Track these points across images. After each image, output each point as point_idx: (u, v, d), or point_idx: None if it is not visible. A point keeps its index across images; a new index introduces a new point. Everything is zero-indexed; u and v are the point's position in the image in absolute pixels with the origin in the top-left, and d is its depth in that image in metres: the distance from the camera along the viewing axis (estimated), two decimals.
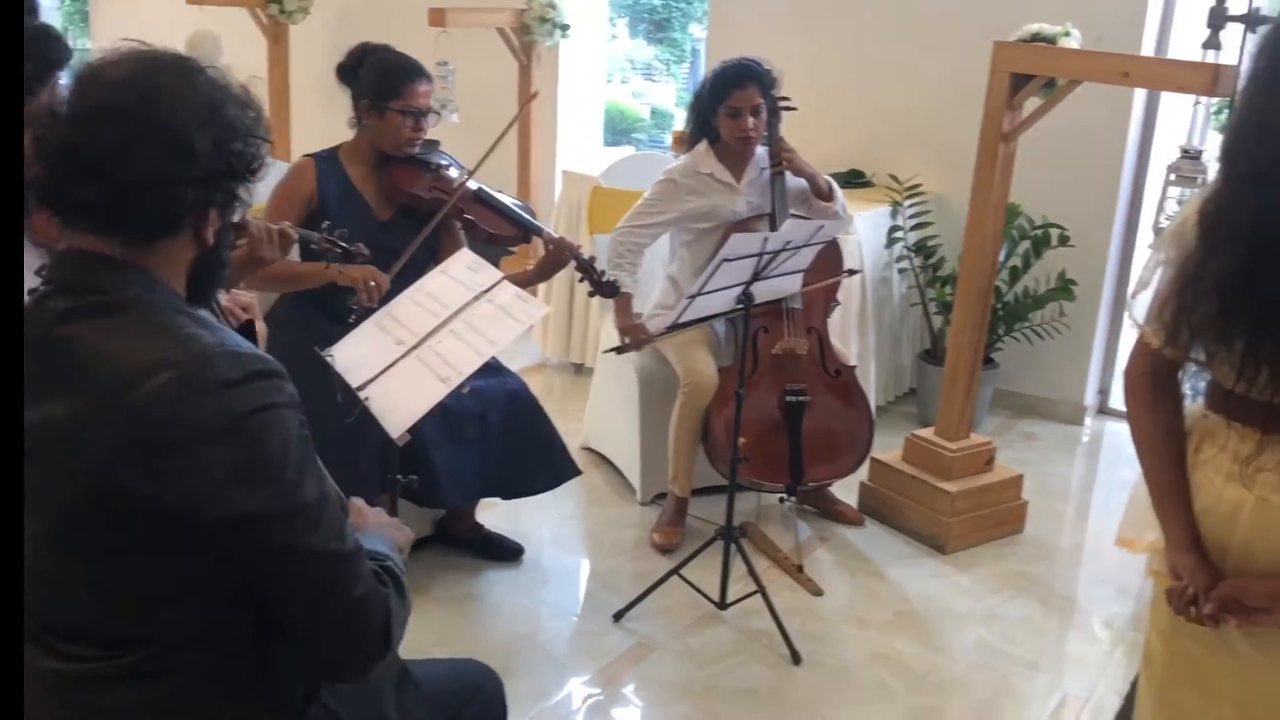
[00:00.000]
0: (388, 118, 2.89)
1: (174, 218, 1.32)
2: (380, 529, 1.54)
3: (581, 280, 3.02)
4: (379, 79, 2.90)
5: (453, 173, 3.02)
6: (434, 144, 3.05)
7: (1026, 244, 4.19)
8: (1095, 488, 4.14)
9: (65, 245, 1.32)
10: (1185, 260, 1.60)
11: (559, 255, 2.91)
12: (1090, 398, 4.51)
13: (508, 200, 3.08)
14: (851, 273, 3.50)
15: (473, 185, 3.01)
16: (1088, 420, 4.50)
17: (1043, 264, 4.21)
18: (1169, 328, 1.62)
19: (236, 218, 1.41)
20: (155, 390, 1.22)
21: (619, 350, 3.20)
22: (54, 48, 2.01)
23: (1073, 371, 4.43)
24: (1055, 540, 3.55)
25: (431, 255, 2.91)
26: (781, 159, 3.33)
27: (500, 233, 3.01)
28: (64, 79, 2.05)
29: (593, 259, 3.01)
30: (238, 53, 5.90)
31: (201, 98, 1.32)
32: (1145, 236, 4.29)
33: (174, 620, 1.30)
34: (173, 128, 1.28)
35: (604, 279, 2.99)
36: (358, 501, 1.57)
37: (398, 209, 2.97)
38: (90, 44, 7.97)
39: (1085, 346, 4.40)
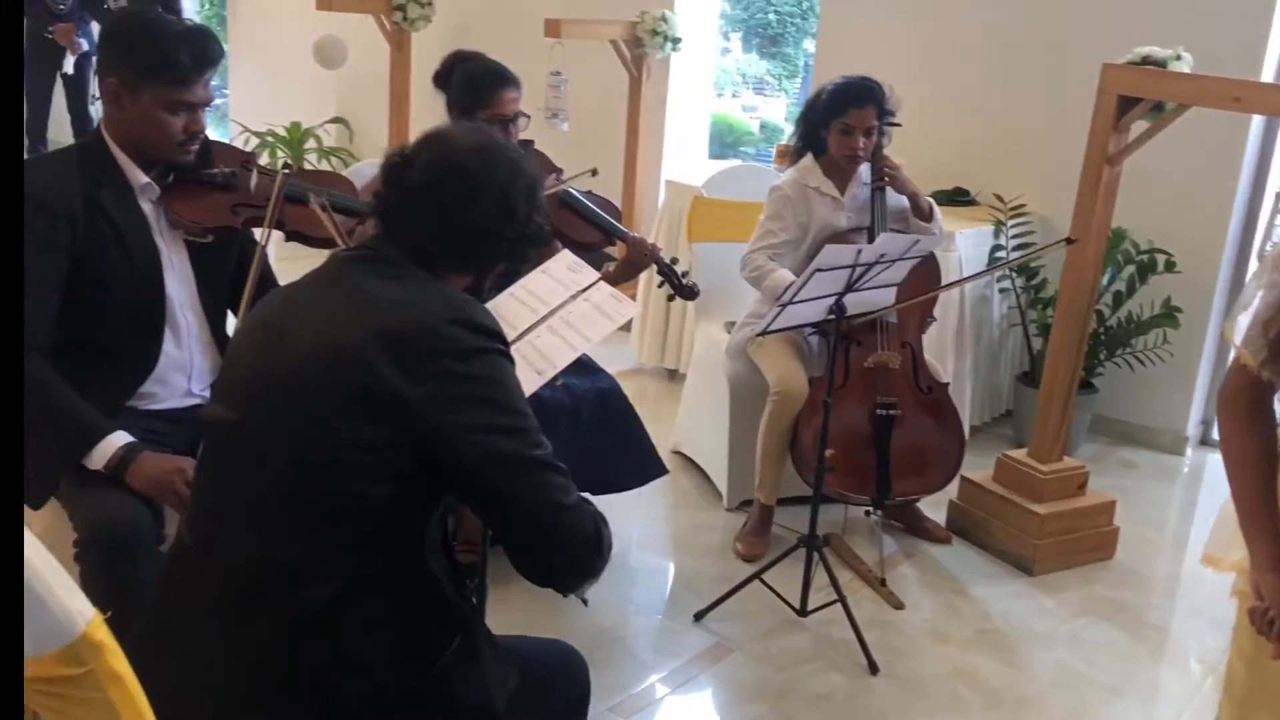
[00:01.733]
0: None
1: (479, 259, 1.69)
2: None
3: (661, 284, 3.06)
4: (467, 88, 2.99)
5: (545, 177, 3.08)
6: (528, 144, 3.13)
7: (1131, 269, 4.14)
8: (1194, 519, 4.06)
9: (380, 234, 1.66)
10: None
11: (639, 255, 2.99)
12: (1193, 428, 4.42)
13: (594, 205, 3.13)
14: (963, 280, 3.47)
15: (561, 192, 3.08)
16: (1189, 451, 4.41)
17: (1148, 289, 4.15)
18: (1266, 349, 1.64)
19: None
20: (420, 313, 1.52)
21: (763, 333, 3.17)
22: (210, 47, 2.19)
23: (1175, 400, 4.35)
24: (1148, 569, 3.50)
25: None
26: (885, 175, 3.36)
27: (585, 240, 3.08)
28: (213, 77, 2.23)
29: (674, 261, 3.06)
30: (362, 57, 6.16)
31: (527, 178, 1.68)
32: (1255, 265, 4.19)
33: (356, 528, 1.51)
34: (507, 194, 1.64)
35: (684, 282, 3.04)
36: None
37: None
38: (227, 47, 8.33)
39: (1189, 375, 4.32)
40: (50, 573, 1.10)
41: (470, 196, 1.62)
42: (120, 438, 2.09)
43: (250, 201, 2.36)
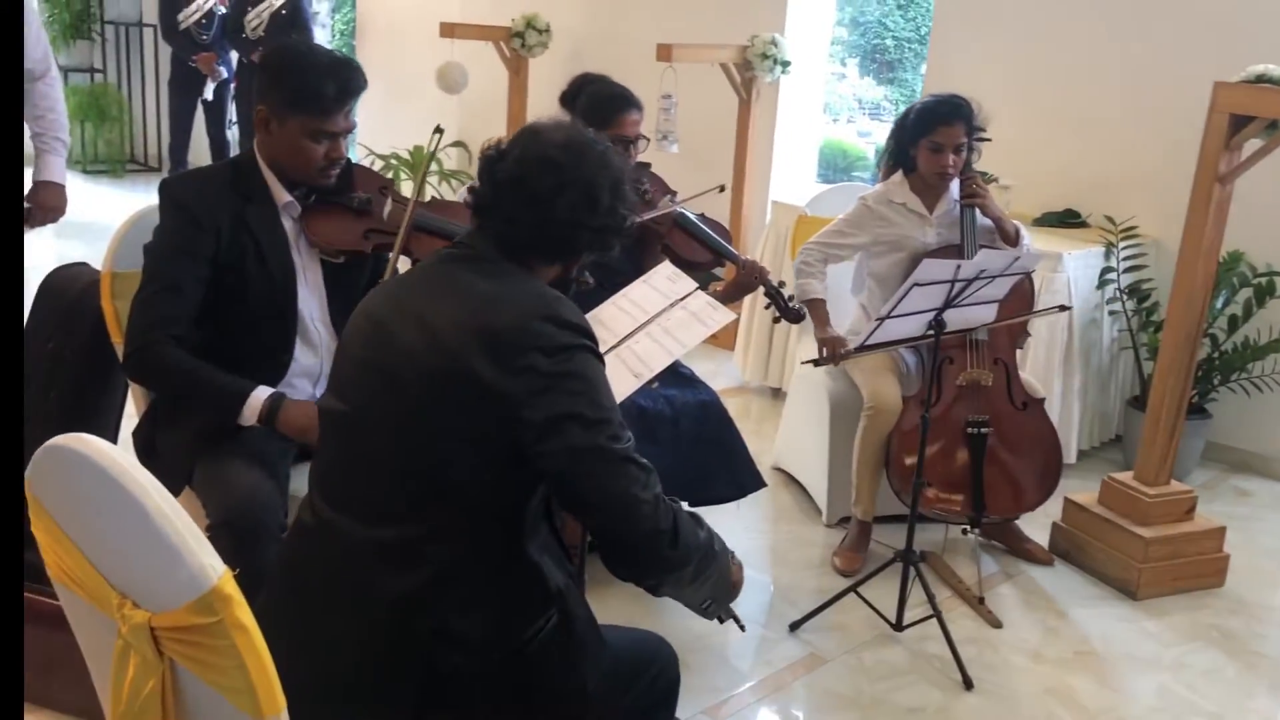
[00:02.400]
0: None
1: (567, 249, 1.76)
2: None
3: (768, 306, 3.15)
4: (592, 109, 3.09)
5: (659, 198, 3.19)
6: (644, 166, 3.24)
7: (1248, 292, 4.05)
8: None
9: (476, 231, 1.76)
10: None
11: (749, 277, 3.08)
12: None
13: (707, 227, 3.23)
14: (1064, 308, 3.49)
15: (675, 213, 3.18)
16: None
17: (1265, 313, 4.05)
18: None
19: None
20: (514, 309, 1.60)
21: (816, 363, 3.30)
22: (354, 79, 2.35)
23: None
24: (1259, 598, 3.41)
25: (636, 271, 3.11)
26: (974, 191, 3.37)
27: (696, 259, 3.17)
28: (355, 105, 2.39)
29: (781, 284, 3.14)
30: (483, 82, 6.39)
31: (613, 171, 1.75)
32: None
33: (454, 513, 1.61)
34: (593, 185, 1.71)
35: (790, 305, 3.11)
36: None
37: None
38: None
39: None
40: (186, 529, 1.23)
41: (558, 188, 1.69)
42: (264, 391, 2.28)
43: (382, 228, 2.50)
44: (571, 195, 1.70)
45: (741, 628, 2.00)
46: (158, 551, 1.22)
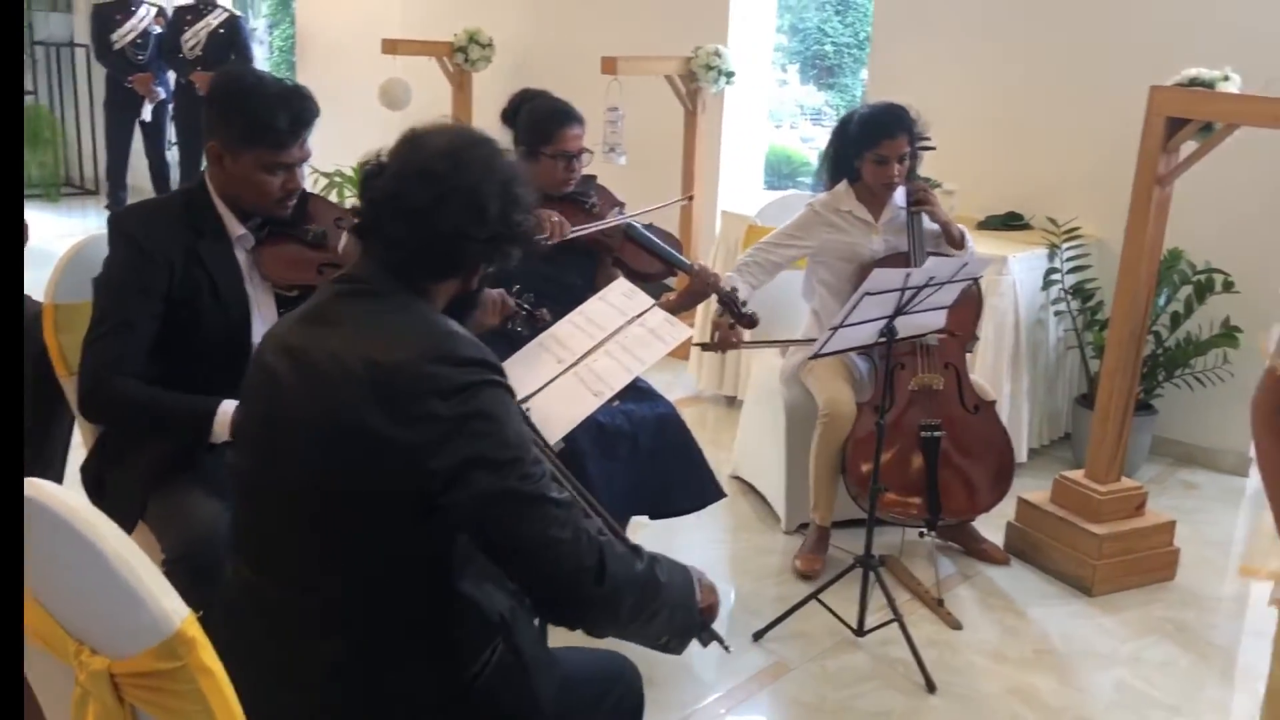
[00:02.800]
0: (542, 163, 3.06)
1: (457, 264, 1.63)
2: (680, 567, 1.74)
3: (722, 314, 3.14)
4: (533, 127, 3.08)
5: (607, 212, 3.17)
6: (590, 179, 3.23)
7: (1188, 289, 4.13)
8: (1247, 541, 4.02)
9: (362, 255, 1.64)
10: None
11: (702, 285, 3.06)
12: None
13: (656, 237, 3.22)
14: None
15: (625, 225, 3.17)
16: (1252, 472, 4.36)
17: (1206, 310, 4.14)
18: None
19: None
20: (405, 353, 1.49)
21: (705, 347, 3.30)
22: (306, 109, 2.29)
23: (1237, 421, 4.31)
24: (1210, 590, 3.48)
25: (589, 287, 3.11)
26: (921, 198, 3.41)
27: (648, 271, 3.17)
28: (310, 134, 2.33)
29: (734, 290, 3.13)
30: (427, 97, 6.35)
31: (500, 174, 1.61)
32: None
33: (371, 570, 1.53)
34: (476, 194, 1.58)
35: (744, 310, 3.11)
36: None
37: (557, 244, 3.17)
38: None
39: (1250, 395, 4.26)
40: (147, 574, 1.20)
41: (437, 199, 1.57)
42: (231, 404, 2.19)
43: (337, 262, 2.44)
44: (454, 206, 1.57)
45: (726, 648, 1.86)
46: (117, 598, 1.19)
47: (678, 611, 1.68)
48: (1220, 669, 3.06)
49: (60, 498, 1.22)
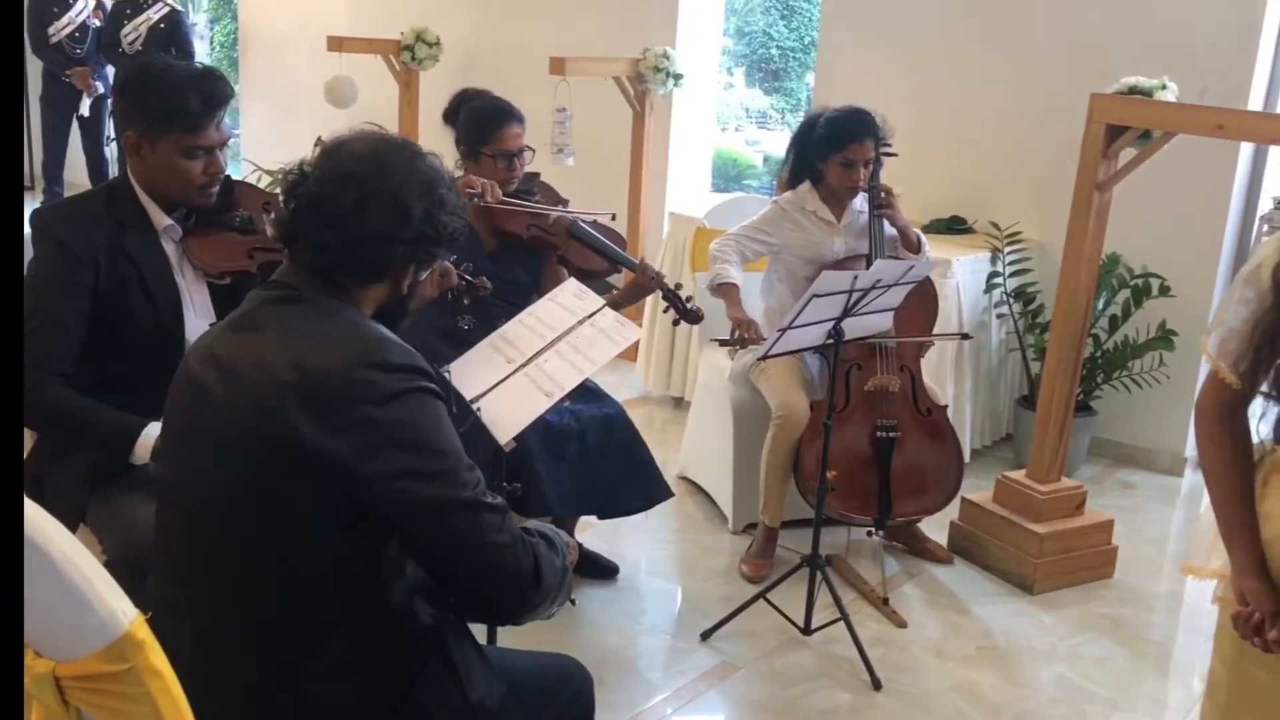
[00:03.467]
0: (482, 162, 3.08)
1: (383, 267, 1.62)
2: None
3: (666, 310, 3.13)
4: (473, 125, 3.08)
5: (550, 208, 3.17)
6: (533, 176, 3.23)
7: (1126, 293, 4.22)
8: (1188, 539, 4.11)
9: (289, 263, 1.64)
10: (1260, 303, 1.70)
11: (644, 280, 3.07)
12: (1191, 449, 4.48)
13: (600, 235, 3.23)
14: (965, 337, 3.62)
15: (568, 223, 3.17)
16: (1187, 472, 4.47)
17: (1143, 313, 4.23)
18: (1240, 364, 1.72)
19: (424, 275, 1.73)
20: (334, 360, 1.48)
21: (723, 342, 3.35)
22: (218, 88, 2.27)
23: (1173, 422, 4.42)
24: (1147, 587, 3.56)
25: (535, 284, 3.11)
26: (883, 202, 3.45)
27: (593, 268, 3.18)
28: (226, 117, 2.32)
29: (678, 286, 3.14)
30: (372, 96, 6.29)
31: (422, 176, 1.62)
32: None
33: (295, 584, 1.50)
34: (398, 196, 1.58)
35: (689, 305, 3.12)
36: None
37: (500, 241, 3.17)
38: (238, 87, 8.49)
39: (1186, 397, 4.38)
40: (94, 574, 1.18)
41: (360, 203, 1.57)
42: (155, 427, 2.15)
43: (267, 245, 2.40)
44: (376, 209, 1.57)
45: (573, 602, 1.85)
46: (63, 599, 1.17)
47: (566, 584, 1.70)
48: (1156, 664, 3.14)
49: None
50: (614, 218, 3.27)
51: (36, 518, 1.19)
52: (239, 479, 1.49)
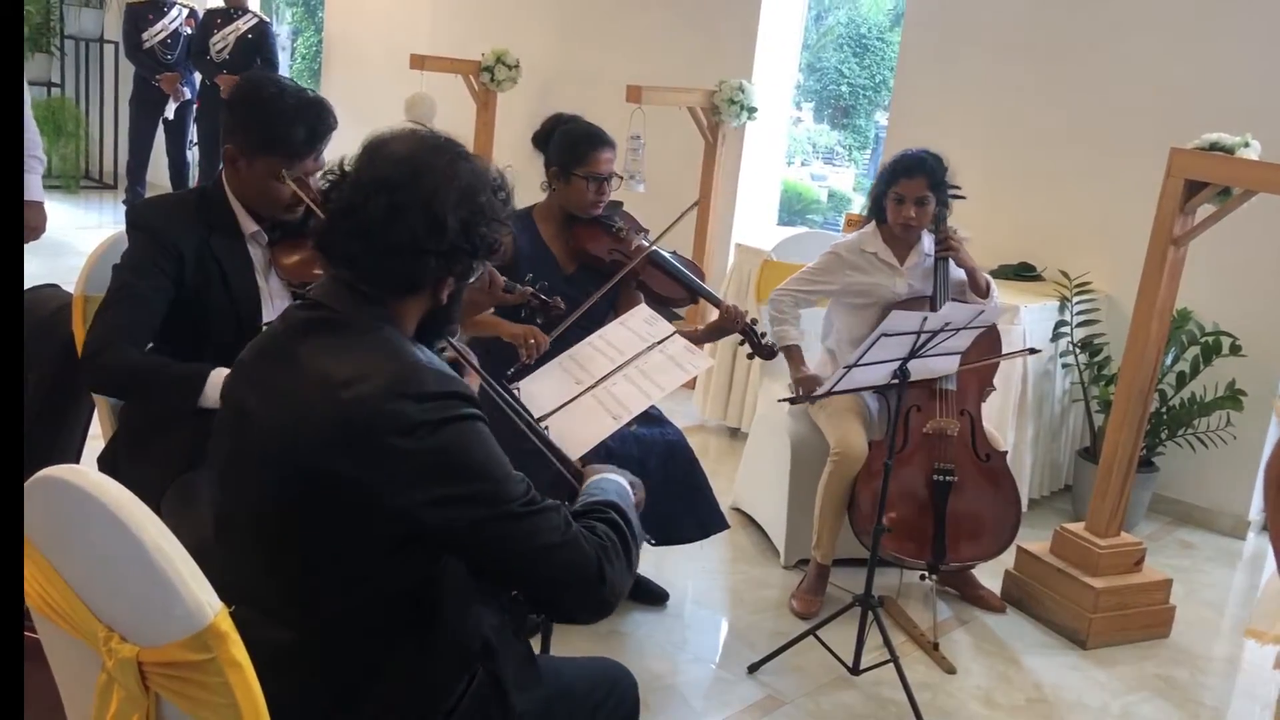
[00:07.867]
0: (573, 184, 3.14)
1: (416, 280, 1.54)
2: (613, 480, 1.76)
3: (742, 344, 3.20)
4: (566, 148, 3.15)
5: (632, 236, 3.24)
6: (617, 204, 3.29)
7: (1195, 350, 4.17)
8: (1253, 604, 4.03)
9: (325, 275, 1.59)
10: None
11: (730, 320, 3.13)
12: (1255, 512, 4.40)
13: (680, 264, 3.28)
14: (1033, 351, 3.60)
15: (650, 250, 3.23)
16: (1251, 535, 4.39)
17: (1212, 371, 4.17)
18: None
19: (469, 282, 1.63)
20: (366, 392, 1.42)
21: (792, 401, 3.40)
22: (325, 121, 2.33)
23: (1237, 483, 4.34)
24: (1203, 649, 3.49)
25: (610, 308, 3.15)
26: (947, 245, 3.46)
27: (671, 295, 3.23)
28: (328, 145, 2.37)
29: (754, 321, 3.19)
30: (451, 115, 6.41)
31: (461, 183, 1.52)
32: None
33: (344, 604, 1.50)
34: (432, 206, 1.49)
35: (764, 342, 3.16)
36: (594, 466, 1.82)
37: (580, 265, 3.23)
38: None
39: (1253, 459, 4.31)
40: (183, 565, 1.23)
41: (392, 211, 1.49)
42: (223, 371, 2.17)
43: None
44: (410, 218, 1.48)
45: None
46: (153, 587, 1.22)
47: (639, 535, 1.67)
48: None
49: (104, 485, 1.25)
50: (697, 205, 3.29)
51: (130, 505, 1.24)
52: (280, 505, 1.47)
